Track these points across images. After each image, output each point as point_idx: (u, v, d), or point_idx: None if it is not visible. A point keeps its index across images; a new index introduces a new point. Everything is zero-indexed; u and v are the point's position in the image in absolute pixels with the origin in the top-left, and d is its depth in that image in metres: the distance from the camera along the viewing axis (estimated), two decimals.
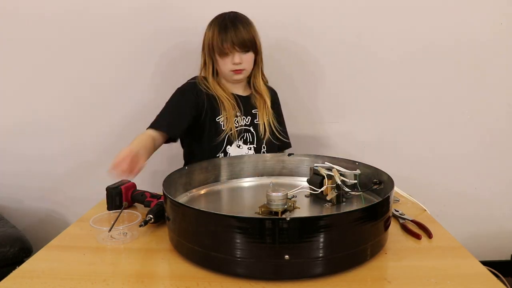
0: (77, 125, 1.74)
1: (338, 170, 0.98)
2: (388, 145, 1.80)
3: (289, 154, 1.20)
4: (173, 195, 0.95)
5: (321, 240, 0.72)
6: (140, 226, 0.93)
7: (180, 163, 1.59)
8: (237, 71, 1.32)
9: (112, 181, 1.13)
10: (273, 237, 0.71)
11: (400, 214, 1.03)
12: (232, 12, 1.34)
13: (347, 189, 0.97)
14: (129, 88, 1.71)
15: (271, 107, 1.42)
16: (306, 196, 1.04)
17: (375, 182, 0.97)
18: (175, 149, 1.77)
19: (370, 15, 1.67)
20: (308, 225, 0.72)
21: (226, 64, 1.30)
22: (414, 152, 1.81)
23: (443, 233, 0.95)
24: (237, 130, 1.35)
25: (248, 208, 0.99)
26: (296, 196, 1.00)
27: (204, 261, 0.78)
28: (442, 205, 1.85)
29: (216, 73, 1.38)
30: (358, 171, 1.00)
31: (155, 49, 1.68)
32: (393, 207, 1.04)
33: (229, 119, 1.32)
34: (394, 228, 0.97)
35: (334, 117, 1.76)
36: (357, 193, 0.99)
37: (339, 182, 0.97)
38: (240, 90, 1.41)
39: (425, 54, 1.71)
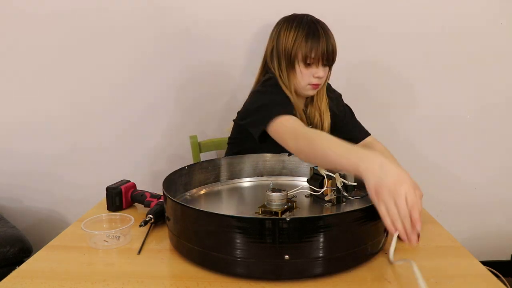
0: (77, 125, 1.73)
1: (339, 174, 0.98)
2: (388, 145, 1.80)
3: (289, 154, 1.20)
4: (173, 195, 0.95)
5: (321, 240, 0.72)
6: (140, 226, 0.93)
7: (179, 163, 1.59)
8: (315, 86, 1.16)
9: (112, 181, 1.13)
10: (273, 237, 0.71)
11: None
12: (308, 15, 1.19)
13: (346, 194, 0.98)
14: (129, 89, 1.71)
15: (333, 103, 1.28)
16: (306, 196, 1.04)
17: None
18: (175, 149, 1.78)
19: (369, 16, 1.67)
20: (308, 225, 0.71)
21: (305, 76, 1.13)
22: (414, 152, 1.81)
23: (443, 233, 0.95)
24: None
25: (248, 208, 0.99)
26: (296, 196, 1.00)
27: (204, 261, 0.78)
28: (442, 205, 1.85)
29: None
30: None
31: (156, 51, 1.68)
32: None
33: None
34: None
35: None
36: (356, 198, 0.99)
37: (339, 186, 0.96)
38: (300, 104, 1.23)
39: (424, 54, 1.72)
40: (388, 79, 1.74)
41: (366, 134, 1.35)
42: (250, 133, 1.07)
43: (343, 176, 0.97)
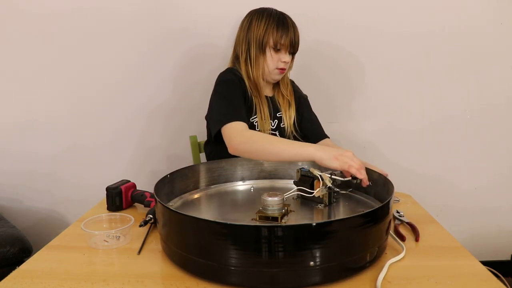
0: (77, 125, 1.74)
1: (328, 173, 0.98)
2: (388, 145, 1.81)
3: None
4: (162, 198, 0.87)
5: (317, 247, 0.69)
6: (140, 226, 0.93)
7: (179, 163, 1.59)
8: (282, 70, 1.26)
9: (112, 181, 1.13)
10: (268, 244, 0.68)
11: (399, 215, 1.03)
12: (276, 9, 1.28)
13: (337, 189, 0.98)
14: (129, 89, 1.71)
15: (300, 102, 1.37)
16: (293, 198, 1.03)
17: (354, 177, 0.96)
18: (175, 149, 1.78)
19: (369, 15, 1.67)
20: (308, 233, 0.68)
21: (274, 61, 1.24)
22: (414, 152, 1.81)
23: (443, 233, 0.95)
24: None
25: (235, 214, 0.98)
26: (285, 199, 0.98)
27: (197, 268, 0.76)
28: (442, 206, 1.86)
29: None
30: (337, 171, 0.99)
31: (155, 51, 1.68)
32: (393, 208, 1.04)
33: (265, 121, 1.26)
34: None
35: (334, 117, 1.76)
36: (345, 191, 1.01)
37: (330, 185, 0.96)
38: (268, 91, 1.34)
39: (424, 53, 1.72)
40: (388, 79, 1.74)
41: (324, 136, 1.40)
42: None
43: (331, 175, 0.97)
